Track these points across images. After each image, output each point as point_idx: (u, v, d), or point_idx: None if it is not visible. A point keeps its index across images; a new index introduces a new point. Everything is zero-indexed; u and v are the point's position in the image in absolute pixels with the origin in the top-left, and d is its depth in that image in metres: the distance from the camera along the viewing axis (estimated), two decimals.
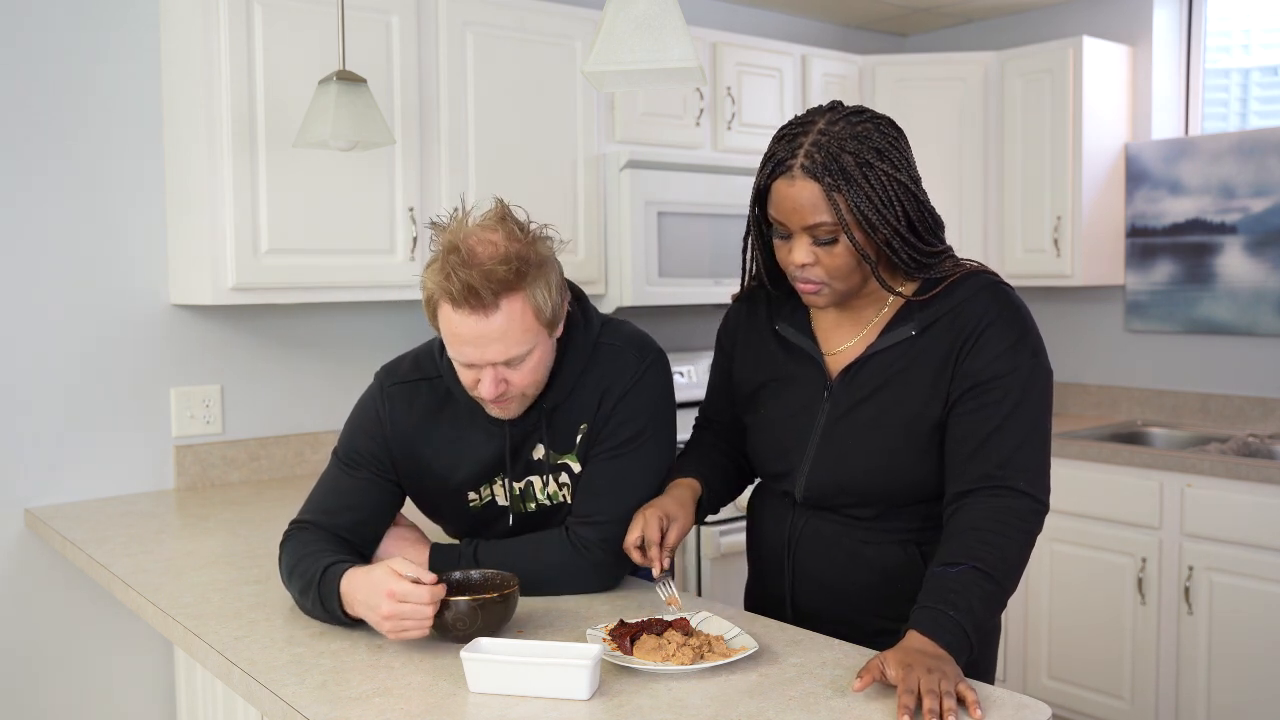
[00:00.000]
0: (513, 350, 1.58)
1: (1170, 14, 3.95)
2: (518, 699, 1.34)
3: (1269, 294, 3.60)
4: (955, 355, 1.54)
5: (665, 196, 3.27)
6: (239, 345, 2.93)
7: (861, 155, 1.48)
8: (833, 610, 1.66)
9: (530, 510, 1.79)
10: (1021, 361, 1.53)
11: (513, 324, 1.56)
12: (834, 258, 1.52)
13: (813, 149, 1.49)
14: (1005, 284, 1.60)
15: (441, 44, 2.88)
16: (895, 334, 1.59)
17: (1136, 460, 3.31)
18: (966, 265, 1.61)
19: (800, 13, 4.20)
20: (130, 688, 2.76)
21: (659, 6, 1.58)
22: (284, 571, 1.69)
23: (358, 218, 2.74)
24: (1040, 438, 1.53)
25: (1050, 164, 3.80)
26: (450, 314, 1.56)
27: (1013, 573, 1.46)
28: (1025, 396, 1.52)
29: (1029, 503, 1.50)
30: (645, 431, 1.73)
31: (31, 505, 2.63)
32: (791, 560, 1.70)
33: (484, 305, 1.53)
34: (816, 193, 1.49)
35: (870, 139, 1.50)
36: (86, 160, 2.69)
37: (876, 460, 1.59)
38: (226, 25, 2.53)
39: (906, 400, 1.57)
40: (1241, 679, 3.10)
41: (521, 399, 1.67)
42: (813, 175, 1.49)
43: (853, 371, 1.61)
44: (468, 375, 1.63)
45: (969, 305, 1.56)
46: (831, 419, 1.62)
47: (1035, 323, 1.59)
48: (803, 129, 1.52)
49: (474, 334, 1.55)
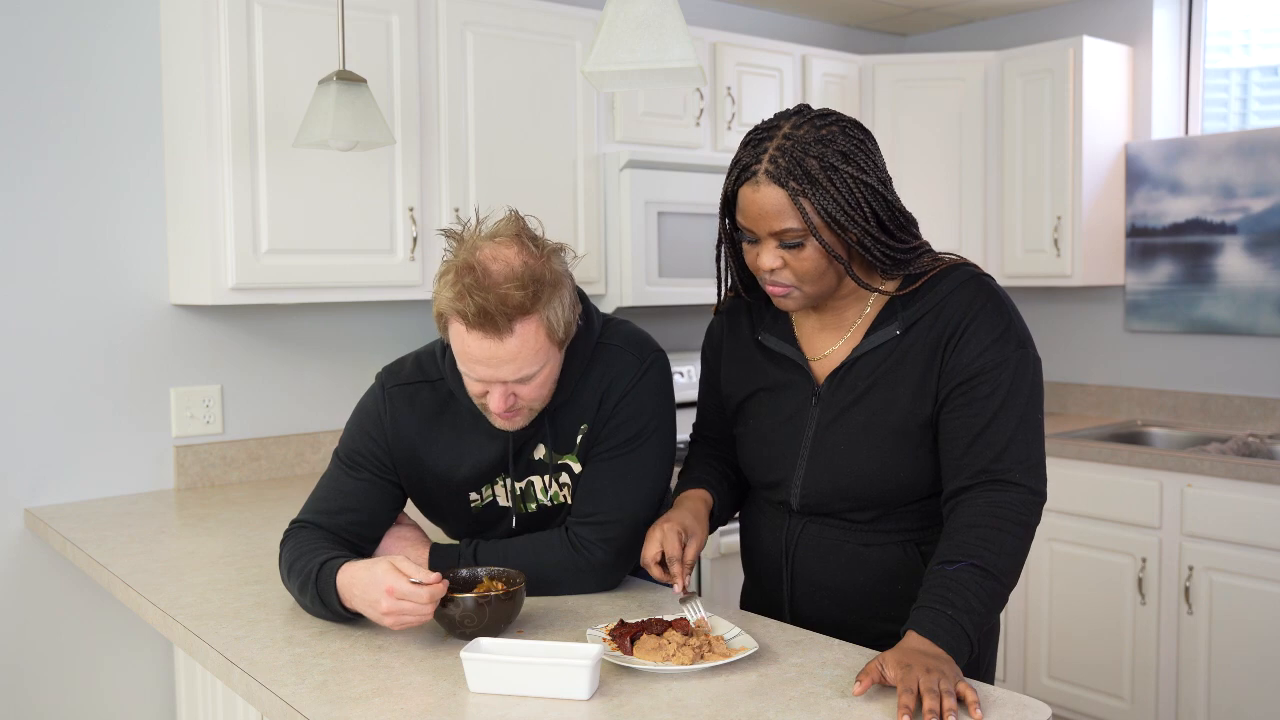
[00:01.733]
0: (525, 370, 1.57)
1: (1170, 14, 3.95)
2: (518, 699, 1.34)
3: (1269, 294, 3.60)
4: (941, 351, 1.54)
5: (665, 196, 3.27)
6: (239, 345, 2.93)
7: (826, 159, 1.48)
8: (834, 615, 1.66)
9: (531, 511, 1.79)
10: (1008, 353, 1.52)
11: (526, 346, 1.55)
12: (801, 261, 1.51)
13: (777, 154, 1.49)
14: (986, 275, 1.59)
15: (441, 44, 2.88)
16: (880, 334, 1.58)
17: (1136, 460, 3.31)
18: (945, 259, 1.60)
19: (800, 13, 4.20)
20: (130, 688, 2.76)
21: (659, 6, 1.58)
22: (283, 570, 1.69)
23: (358, 218, 2.74)
24: (1033, 427, 1.52)
25: (1050, 164, 3.80)
26: (463, 334, 1.55)
27: (1012, 567, 1.46)
28: (1015, 388, 1.51)
29: (1025, 495, 1.49)
30: (646, 431, 1.73)
31: (31, 505, 2.63)
32: (790, 568, 1.69)
33: (498, 329, 1.52)
34: (781, 198, 1.48)
35: (835, 142, 1.49)
36: (86, 160, 2.69)
37: (871, 463, 1.58)
38: (226, 26, 2.53)
39: (896, 400, 1.56)
40: (1241, 679, 3.10)
41: (529, 412, 1.67)
42: (777, 181, 1.48)
43: (840, 375, 1.61)
44: (476, 388, 1.63)
45: (951, 300, 1.55)
46: (822, 425, 1.61)
47: (1019, 313, 1.58)
48: (768, 134, 1.52)
49: (486, 355, 1.55)
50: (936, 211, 3.94)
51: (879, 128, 3.93)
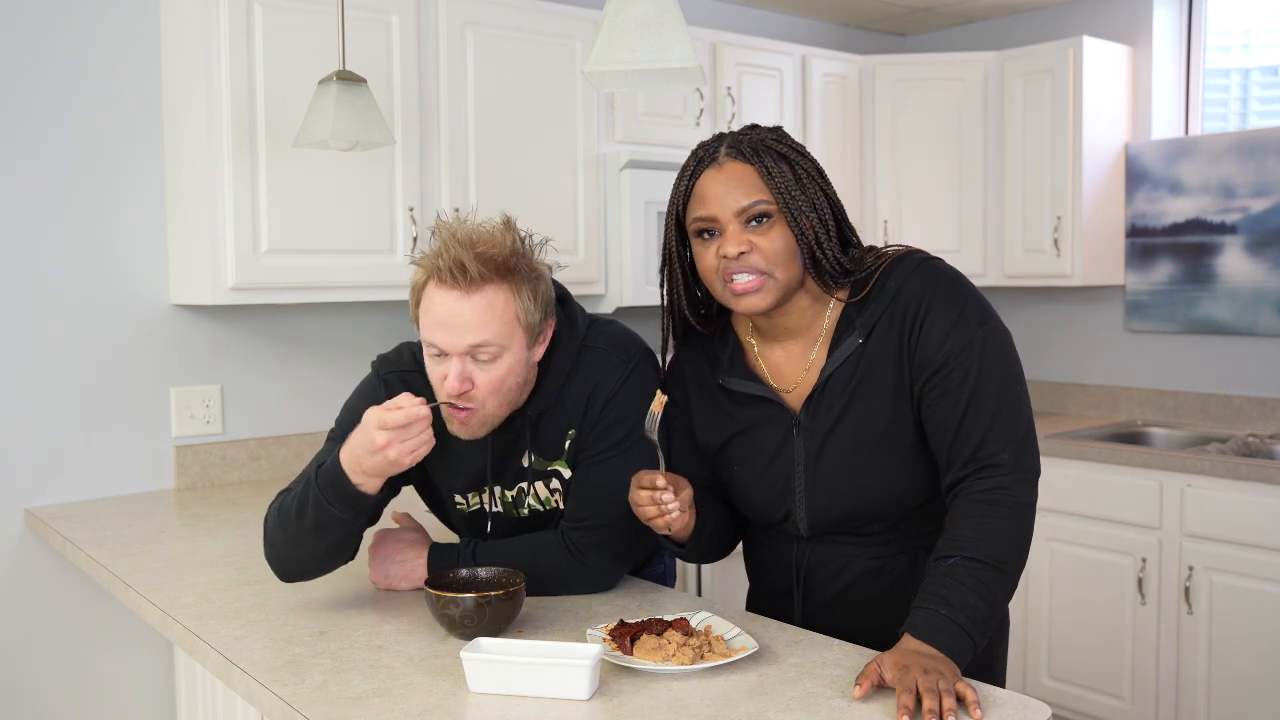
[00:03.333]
0: (483, 335, 1.55)
1: (1170, 14, 3.95)
2: (518, 699, 1.34)
3: (1269, 294, 3.60)
4: (906, 347, 1.51)
5: (665, 196, 3.26)
6: (239, 345, 2.93)
7: (782, 144, 1.51)
8: (846, 627, 1.63)
9: (524, 516, 1.79)
10: (972, 334, 1.49)
11: (493, 311, 1.55)
12: (771, 241, 1.48)
13: (735, 141, 1.51)
14: (934, 259, 1.56)
15: (441, 44, 2.88)
16: (844, 348, 1.54)
17: (1136, 460, 3.31)
18: (889, 253, 1.57)
19: (800, 13, 4.20)
20: (130, 688, 2.76)
21: (659, 6, 1.58)
22: (270, 520, 1.66)
23: (358, 218, 2.74)
24: (1012, 402, 1.49)
25: (1050, 164, 3.79)
26: (433, 293, 1.56)
27: (1011, 552, 1.43)
28: (985, 367, 1.48)
29: (1016, 475, 1.46)
30: (635, 433, 1.71)
31: (31, 505, 2.63)
32: (802, 588, 1.67)
33: (469, 282, 1.53)
34: (749, 171, 1.49)
35: (786, 140, 1.53)
36: (86, 160, 2.69)
37: (870, 478, 1.56)
38: (226, 25, 2.52)
39: (877, 411, 1.53)
40: (1241, 679, 3.10)
41: (483, 416, 1.62)
42: (742, 158, 1.49)
43: (815, 400, 1.57)
44: (436, 370, 1.61)
45: (903, 293, 1.52)
46: (810, 454, 1.58)
47: (975, 289, 1.54)
48: (717, 138, 1.54)
49: (450, 313, 1.54)
50: (936, 211, 3.94)
51: (879, 128, 3.93)
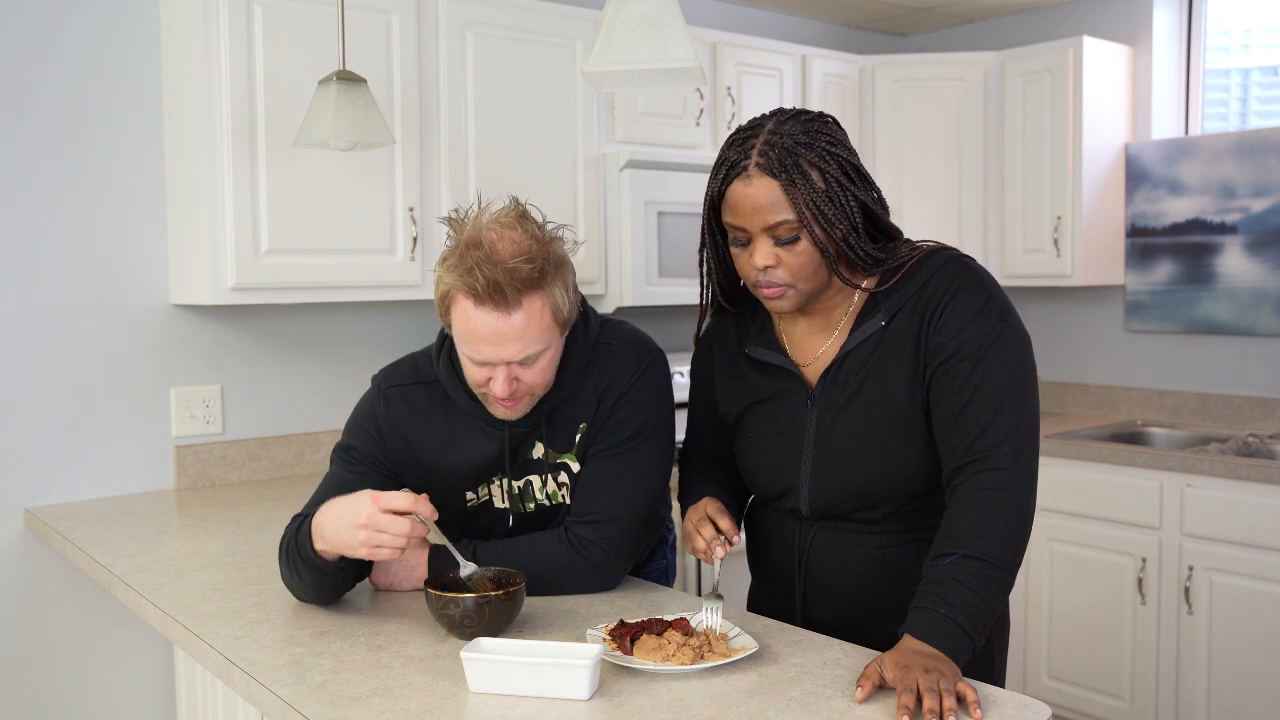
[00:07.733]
0: (529, 349, 1.57)
1: (1170, 14, 3.95)
2: (518, 699, 1.34)
3: (1269, 294, 3.60)
4: (924, 333, 1.53)
5: (665, 196, 3.27)
6: (239, 345, 2.93)
7: (816, 148, 1.49)
8: (847, 619, 1.64)
9: (529, 510, 1.79)
10: (988, 327, 1.50)
11: (532, 323, 1.56)
12: (796, 257, 1.50)
13: (766, 148, 1.49)
14: (966, 256, 1.58)
15: (441, 44, 2.88)
16: (866, 328, 1.57)
17: (1136, 460, 3.31)
18: (923, 246, 1.59)
19: (800, 13, 4.20)
20: (130, 688, 2.76)
21: (659, 6, 1.58)
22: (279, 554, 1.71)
23: (358, 218, 2.74)
24: (1018, 400, 1.49)
25: (1050, 164, 3.79)
26: (470, 310, 1.55)
27: (1008, 550, 1.43)
28: (995, 361, 1.49)
29: (1014, 471, 1.46)
30: (645, 430, 1.73)
31: (31, 505, 2.63)
32: (803, 574, 1.68)
33: (507, 303, 1.53)
34: (775, 190, 1.48)
35: (822, 134, 1.51)
36: (87, 160, 2.69)
37: (875, 458, 1.57)
38: (226, 26, 2.52)
39: (890, 391, 1.55)
40: (1241, 679, 3.10)
41: (530, 399, 1.67)
42: (769, 173, 1.48)
43: (831, 374, 1.60)
44: (478, 373, 1.62)
45: (931, 283, 1.54)
46: (822, 427, 1.60)
47: (1001, 289, 1.56)
48: (752, 132, 1.52)
49: (492, 331, 1.55)
50: (936, 211, 3.94)
51: (879, 128, 3.93)
